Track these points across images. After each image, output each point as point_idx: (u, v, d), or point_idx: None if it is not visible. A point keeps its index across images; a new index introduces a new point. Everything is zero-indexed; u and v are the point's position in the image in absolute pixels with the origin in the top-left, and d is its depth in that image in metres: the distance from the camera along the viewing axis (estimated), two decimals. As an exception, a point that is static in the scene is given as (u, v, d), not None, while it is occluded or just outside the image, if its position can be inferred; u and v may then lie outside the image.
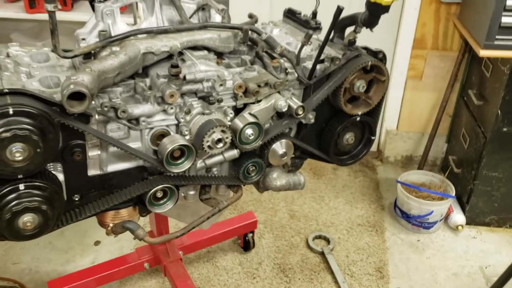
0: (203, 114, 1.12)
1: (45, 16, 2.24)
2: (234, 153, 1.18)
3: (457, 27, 2.22)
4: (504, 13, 1.81)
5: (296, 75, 1.21)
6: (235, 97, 1.15)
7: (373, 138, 1.39)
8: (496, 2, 1.80)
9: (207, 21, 1.28)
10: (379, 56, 1.27)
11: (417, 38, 2.31)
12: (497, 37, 1.86)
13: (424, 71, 2.39)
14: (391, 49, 2.37)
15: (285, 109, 1.18)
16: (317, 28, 1.31)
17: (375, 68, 1.27)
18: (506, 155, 2.09)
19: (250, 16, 1.38)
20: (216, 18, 1.28)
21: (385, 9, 1.15)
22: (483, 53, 1.90)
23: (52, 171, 1.01)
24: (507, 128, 2.03)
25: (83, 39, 1.16)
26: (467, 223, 2.24)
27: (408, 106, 2.50)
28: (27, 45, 2.33)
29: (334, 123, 1.31)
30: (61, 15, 2.07)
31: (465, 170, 2.27)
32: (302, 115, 1.19)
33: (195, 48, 1.19)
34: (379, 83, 1.30)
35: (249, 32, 1.25)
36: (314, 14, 1.34)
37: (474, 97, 2.18)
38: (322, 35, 1.25)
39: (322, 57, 1.22)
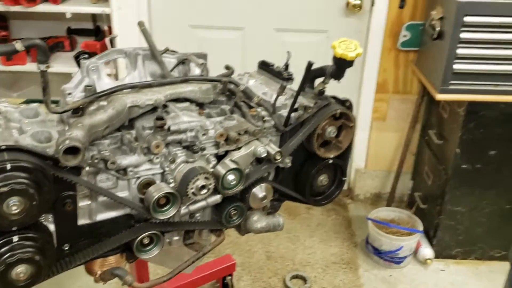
0: (187, 162, 1.18)
1: (20, 68, 2.29)
2: (217, 198, 1.24)
3: (415, 73, 2.39)
4: (455, 61, 1.98)
5: (273, 123, 1.30)
6: (217, 145, 1.22)
7: (344, 179, 1.48)
8: (449, 50, 1.97)
9: (187, 75, 1.36)
10: (346, 104, 1.38)
11: (380, 83, 2.47)
12: (451, 82, 2.02)
13: (387, 113, 2.54)
14: (356, 93, 2.52)
15: (264, 155, 1.25)
16: (289, 79, 1.41)
17: (344, 115, 1.37)
18: (467, 190, 2.22)
19: (227, 67, 1.47)
20: (196, 71, 1.37)
21: (350, 63, 1.27)
22: (439, 96, 2.05)
23: (43, 222, 1.04)
24: (466, 165, 2.17)
25: (69, 93, 1.22)
26: (436, 257, 2.34)
27: (375, 146, 2.63)
28: (2, 96, 2.36)
29: (309, 166, 1.39)
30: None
31: (431, 205, 2.39)
32: (279, 160, 1.27)
33: (177, 100, 1.26)
34: (348, 128, 1.40)
35: (228, 83, 1.34)
36: (286, 66, 1.45)
37: (434, 136, 2.33)
38: (293, 84, 1.36)
39: (295, 106, 1.32)
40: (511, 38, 1.94)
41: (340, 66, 1.28)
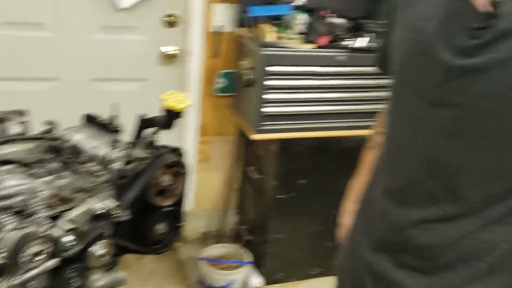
0: (18, 228, 1.10)
1: None
2: (54, 262, 1.18)
3: (232, 116, 2.60)
4: (264, 105, 2.23)
5: (107, 177, 1.30)
6: (50, 206, 1.17)
7: (181, 224, 1.54)
8: (258, 96, 2.21)
9: (7, 134, 1.28)
10: (178, 152, 1.46)
11: (202, 126, 2.61)
12: (262, 123, 2.26)
13: (210, 154, 2.69)
14: (181, 138, 2.61)
15: (101, 211, 1.24)
16: (118, 131, 1.43)
17: (177, 163, 1.44)
18: (285, 218, 2.47)
19: (49, 123, 1.42)
20: (16, 129, 1.29)
21: (180, 114, 1.36)
22: (254, 136, 2.28)
23: None
24: (283, 195, 2.42)
25: None
26: (266, 284, 2.53)
27: (201, 187, 2.74)
28: None
29: (146, 216, 1.42)
30: None
31: (256, 236, 2.59)
32: (118, 214, 1.27)
33: (1, 163, 1.18)
34: (181, 175, 1.47)
35: (54, 140, 1.30)
36: (113, 118, 1.47)
37: (253, 172, 2.55)
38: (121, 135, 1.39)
39: (129, 158, 1.34)
40: (307, 84, 2.27)
41: (171, 117, 1.36)
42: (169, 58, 2.43)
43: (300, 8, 2.38)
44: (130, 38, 2.37)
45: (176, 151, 1.46)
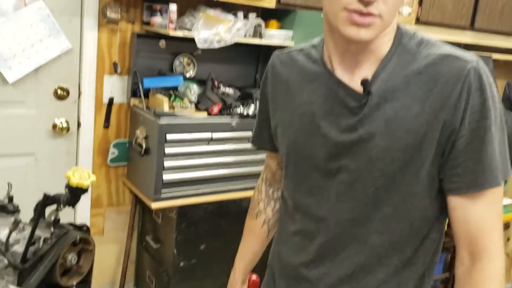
0: None
1: None
2: None
3: (127, 185, 2.56)
4: (164, 172, 2.26)
5: (6, 262, 1.22)
6: None
7: (89, 303, 1.47)
8: (157, 164, 2.23)
9: None
10: (84, 229, 1.42)
11: (94, 198, 2.53)
12: (162, 191, 2.28)
13: (104, 226, 2.60)
14: (72, 212, 2.49)
15: (3, 299, 1.16)
16: (16, 211, 1.37)
17: (82, 239, 1.40)
18: (187, 285, 2.45)
19: None
20: None
21: (86, 190, 1.34)
22: (155, 205, 2.27)
23: None
24: (183, 262, 2.41)
25: None
26: None
27: (96, 262, 2.60)
28: None
29: (51, 299, 1.34)
30: None
31: (158, 308, 2.51)
32: (21, 301, 1.20)
33: None
34: (87, 252, 1.43)
35: None
36: (10, 198, 1.40)
37: (151, 241, 2.51)
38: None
39: (31, 239, 1.28)
40: (203, 150, 2.35)
41: (76, 194, 1.33)
42: (61, 131, 2.36)
43: (191, 79, 2.51)
44: (19, 112, 2.27)
45: (83, 228, 1.42)
